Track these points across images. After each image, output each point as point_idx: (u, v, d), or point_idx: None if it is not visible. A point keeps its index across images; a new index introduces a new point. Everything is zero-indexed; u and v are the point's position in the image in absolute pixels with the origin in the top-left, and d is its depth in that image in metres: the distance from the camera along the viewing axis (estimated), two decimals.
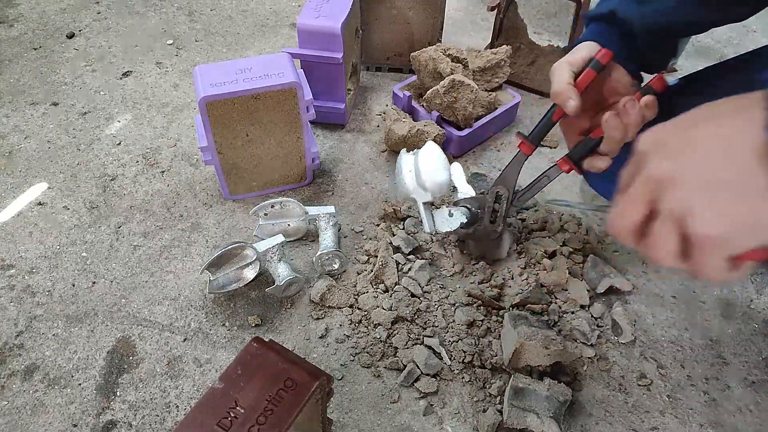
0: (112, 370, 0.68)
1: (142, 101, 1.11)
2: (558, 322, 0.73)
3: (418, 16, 1.10)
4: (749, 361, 0.72)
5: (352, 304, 0.75)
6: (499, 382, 0.67)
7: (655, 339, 0.74)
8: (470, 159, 1.00)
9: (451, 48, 0.99)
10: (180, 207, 0.90)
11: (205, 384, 0.67)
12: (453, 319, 0.73)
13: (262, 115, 0.80)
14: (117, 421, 0.64)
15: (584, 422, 0.65)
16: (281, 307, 0.76)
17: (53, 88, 1.13)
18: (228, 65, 0.79)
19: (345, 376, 0.68)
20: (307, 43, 0.92)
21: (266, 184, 0.91)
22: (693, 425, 0.66)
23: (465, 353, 0.69)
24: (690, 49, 1.36)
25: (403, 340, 0.70)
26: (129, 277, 0.79)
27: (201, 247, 0.83)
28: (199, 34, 1.33)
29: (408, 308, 0.73)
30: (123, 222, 0.87)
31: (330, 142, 1.03)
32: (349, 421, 0.64)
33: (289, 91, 0.78)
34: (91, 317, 0.74)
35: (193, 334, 0.72)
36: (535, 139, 0.70)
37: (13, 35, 1.28)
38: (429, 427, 0.64)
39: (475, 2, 1.51)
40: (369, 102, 1.13)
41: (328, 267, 0.78)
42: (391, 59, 1.18)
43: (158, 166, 0.97)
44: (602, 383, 0.69)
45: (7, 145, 1.00)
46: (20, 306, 0.75)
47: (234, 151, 0.83)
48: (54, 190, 0.92)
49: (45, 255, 0.81)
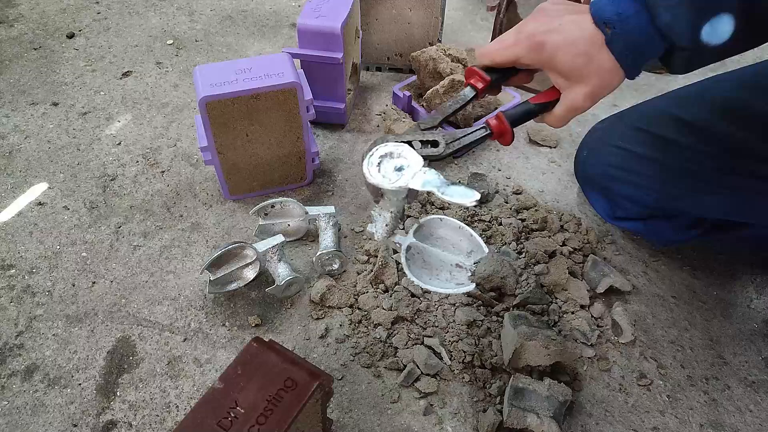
0: (112, 370, 0.68)
1: (142, 101, 1.11)
2: (558, 322, 0.73)
3: (418, 16, 1.10)
4: (749, 361, 0.72)
5: (352, 304, 0.75)
6: (499, 382, 0.67)
7: (655, 339, 0.74)
8: (470, 159, 1.00)
9: (451, 48, 0.99)
10: (180, 207, 0.90)
11: (205, 384, 0.67)
12: (453, 319, 0.73)
13: (262, 115, 0.80)
14: (117, 421, 0.64)
15: (584, 422, 0.65)
16: (281, 307, 0.76)
17: (53, 88, 1.13)
18: (228, 65, 0.79)
19: (345, 376, 0.68)
20: (307, 43, 0.92)
21: (266, 184, 0.91)
22: (693, 425, 0.66)
23: (465, 353, 0.69)
24: None
25: (403, 340, 0.70)
26: (129, 277, 0.79)
27: (201, 247, 0.83)
28: (199, 34, 1.33)
29: (408, 308, 0.73)
30: (123, 222, 0.87)
31: (330, 142, 1.03)
32: (349, 421, 0.64)
33: (289, 91, 0.78)
34: (91, 317, 0.74)
35: (193, 334, 0.72)
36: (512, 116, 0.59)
37: (13, 35, 1.28)
38: (429, 427, 0.64)
39: (475, 2, 1.51)
40: (369, 102, 1.13)
41: (328, 267, 0.78)
42: (391, 59, 1.18)
43: (158, 166, 0.97)
44: (602, 383, 0.69)
45: (7, 145, 1.00)
46: (20, 306, 0.75)
47: (234, 151, 0.83)
48: (54, 190, 0.92)
49: (45, 255, 0.81)
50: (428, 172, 0.51)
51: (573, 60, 0.51)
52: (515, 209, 0.88)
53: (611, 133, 0.82)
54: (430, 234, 0.67)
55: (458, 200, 0.49)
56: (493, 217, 0.86)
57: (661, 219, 0.78)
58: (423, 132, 0.57)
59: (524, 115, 0.58)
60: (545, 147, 1.04)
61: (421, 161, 0.52)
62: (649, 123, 0.76)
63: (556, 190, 0.95)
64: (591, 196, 0.86)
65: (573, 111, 0.55)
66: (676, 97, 0.77)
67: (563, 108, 0.55)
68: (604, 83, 0.51)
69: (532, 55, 0.53)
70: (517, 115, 0.58)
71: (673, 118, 0.73)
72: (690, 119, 0.72)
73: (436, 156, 0.55)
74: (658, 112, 0.77)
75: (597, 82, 0.51)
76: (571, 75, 0.52)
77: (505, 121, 0.57)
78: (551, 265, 0.78)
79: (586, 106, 0.54)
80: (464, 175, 0.95)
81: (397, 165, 0.53)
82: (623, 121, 0.82)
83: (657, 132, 0.75)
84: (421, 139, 0.56)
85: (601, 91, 0.52)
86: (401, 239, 0.64)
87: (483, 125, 0.58)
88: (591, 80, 0.51)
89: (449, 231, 0.67)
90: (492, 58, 0.57)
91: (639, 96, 1.20)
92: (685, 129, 0.72)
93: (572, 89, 0.53)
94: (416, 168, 0.52)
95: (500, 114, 0.57)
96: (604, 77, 0.51)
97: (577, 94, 0.53)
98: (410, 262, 0.63)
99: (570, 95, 0.54)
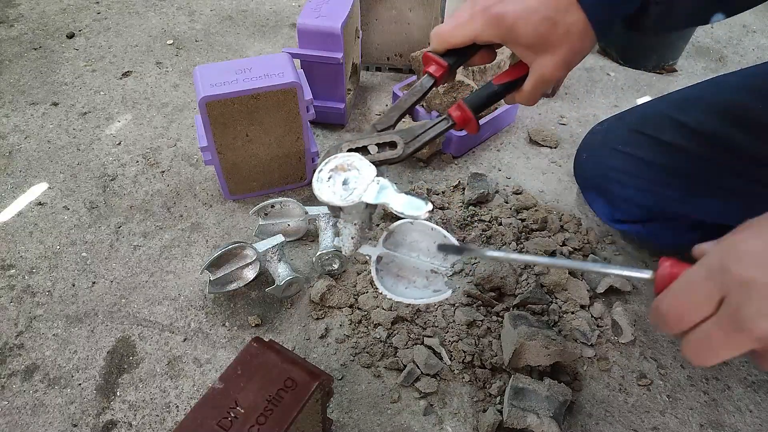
0: (112, 370, 0.68)
1: (142, 101, 1.11)
2: (558, 322, 0.73)
3: (418, 16, 1.10)
4: (749, 361, 0.72)
5: (352, 304, 0.75)
6: (499, 382, 0.67)
7: (655, 339, 0.74)
8: (470, 159, 1.00)
9: None
10: (180, 207, 0.90)
11: (205, 384, 0.67)
12: (453, 319, 0.73)
13: (262, 115, 0.80)
14: (117, 421, 0.64)
15: (584, 422, 0.65)
16: (281, 307, 0.76)
17: (53, 88, 1.13)
18: (228, 65, 0.79)
19: (345, 376, 0.68)
20: (307, 43, 0.92)
21: (266, 184, 0.91)
22: (693, 425, 0.66)
23: (465, 353, 0.69)
24: (690, 49, 1.36)
25: (403, 340, 0.70)
26: (129, 277, 0.79)
27: (201, 247, 0.83)
28: (199, 34, 1.33)
29: (408, 308, 0.73)
30: (123, 222, 0.87)
31: (330, 142, 1.03)
32: (349, 421, 0.64)
33: (289, 91, 0.78)
34: (91, 317, 0.74)
35: (193, 334, 0.72)
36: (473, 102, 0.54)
37: (13, 35, 1.28)
38: (429, 427, 0.64)
39: None
40: (369, 102, 1.13)
41: (328, 267, 0.78)
42: (391, 59, 1.18)
43: (158, 166, 0.97)
44: (602, 383, 0.69)
45: (7, 145, 1.00)
46: (20, 306, 0.75)
47: (234, 151, 0.83)
48: (54, 190, 0.92)
49: (45, 255, 0.81)
50: (381, 181, 0.48)
51: (536, 28, 0.46)
52: (515, 209, 0.88)
53: (610, 136, 0.82)
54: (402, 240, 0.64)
55: (410, 212, 0.46)
56: (493, 217, 0.86)
57: (660, 222, 0.78)
58: (380, 133, 0.53)
59: (488, 98, 0.53)
60: (545, 147, 1.04)
61: (373, 171, 0.49)
62: (648, 126, 0.76)
63: (556, 190, 0.95)
64: (590, 198, 0.86)
65: (543, 84, 0.50)
66: (676, 100, 0.77)
67: (532, 82, 0.51)
68: (575, 48, 0.47)
69: (490, 31, 0.48)
70: (479, 101, 0.53)
71: (673, 121, 0.73)
72: (689, 122, 0.71)
73: (395, 159, 0.52)
74: (658, 115, 0.77)
75: (566, 48, 0.47)
76: (536, 45, 0.47)
77: (466, 108, 0.53)
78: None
79: (557, 76, 0.49)
80: (464, 175, 0.95)
81: (347, 178, 0.49)
82: (622, 124, 0.82)
83: (656, 135, 0.75)
84: (378, 141, 0.52)
85: (573, 57, 0.48)
86: (370, 250, 0.61)
87: (444, 116, 0.54)
88: (559, 47, 0.47)
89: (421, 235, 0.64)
90: (446, 39, 0.51)
91: (639, 96, 1.20)
92: (684, 132, 0.72)
93: (539, 61, 0.49)
94: (369, 179, 0.48)
95: (460, 102, 0.53)
96: (573, 42, 0.47)
97: (545, 65, 0.48)
98: (383, 273, 0.60)
99: (538, 68, 0.49)
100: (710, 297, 0.34)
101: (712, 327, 0.34)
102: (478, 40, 0.50)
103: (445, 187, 0.92)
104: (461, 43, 0.51)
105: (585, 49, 0.48)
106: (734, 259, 0.34)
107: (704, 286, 0.35)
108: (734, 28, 1.44)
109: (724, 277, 0.33)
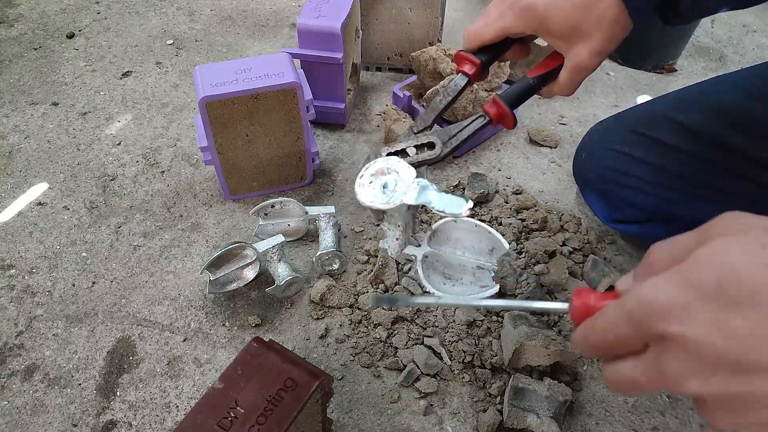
0: (112, 370, 0.68)
1: (142, 101, 1.11)
2: (558, 322, 0.73)
3: (418, 16, 1.10)
4: None
5: (352, 304, 0.75)
6: (499, 382, 0.67)
7: None
8: (470, 159, 1.00)
9: (451, 48, 0.99)
10: (180, 207, 0.90)
11: (205, 384, 0.67)
12: (453, 319, 0.73)
13: (262, 115, 0.80)
14: (117, 421, 0.64)
15: (584, 422, 0.65)
16: (281, 307, 0.76)
17: (53, 88, 1.13)
18: (228, 65, 0.79)
19: (345, 376, 0.68)
20: (307, 43, 0.92)
21: (266, 184, 0.91)
22: (693, 425, 0.66)
23: (465, 353, 0.69)
24: (690, 49, 1.36)
25: (403, 340, 0.70)
26: (129, 277, 0.79)
27: (201, 247, 0.83)
28: (199, 34, 1.33)
29: (408, 308, 0.73)
30: (123, 222, 0.87)
31: (330, 142, 1.03)
32: (349, 421, 0.64)
33: (289, 91, 0.78)
34: (91, 317, 0.74)
35: (193, 334, 0.72)
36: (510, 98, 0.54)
37: (13, 35, 1.28)
38: (429, 427, 0.64)
39: (475, 2, 1.51)
40: (369, 102, 1.13)
41: (328, 267, 0.78)
42: (391, 59, 1.18)
43: (158, 166, 0.97)
44: (602, 383, 0.69)
45: (7, 145, 1.00)
46: (20, 306, 0.75)
47: (234, 151, 0.83)
48: (54, 190, 0.92)
49: (45, 255, 0.81)
50: (421, 182, 0.49)
51: (568, 16, 0.45)
52: (515, 209, 0.88)
53: (609, 136, 0.82)
54: (447, 238, 0.65)
55: (450, 211, 0.46)
56: (493, 217, 0.86)
57: (659, 223, 0.78)
58: (417, 136, 0.54)
59: (524, 92, 0.53)
60: (545, 147, 1.04)
61: (413, 173, 0.50)
62: (646, 126, 0.76)
63: (556, 190, 0.95)
64: (589, 198, 0.86)
65: (580, 73, 0.49)
66: (675, 100, 0.77)
67: (568, 72, 0.50)
68: (610, 35, 0.46)
69: (521, 23, 0.48)
70: (515, 95, 0.53)
71: (671, 122, 0.73)
72: (688, 123, 0.71)
73: (434, 159, 0.53)
74: (656, 116, 0.77)
75: (601, 35, 0.46)
76: (569, 34, 0.47)
77: (502, 103, 0.52)
78: (551, 265, 0.78)
79: (594, 65, 0.48)
80: (464, 175, 0.95)
81: (388, 181, 0.50)
82: (621, 124, 0.82)
83: (655, 136, 0.75)
84: (416, 143, 0.53)
85: (608, 45, 0.47)
86: (415, 250, 0.61)
87: (480, 114, 0.54)
88: (594, 34, 0.46)
89: (466, 232, 0.65)
90: (479, 36, 0.52)
91: (639, 96, 1.20)
92: (682, 133, 0.72)
93: (574, 49, 0.48)
94: (408, 181, 0.50)
95: (495, 97, 0.53)
96: (608, 28, 0.45)
97: (580, 53, 0.47)
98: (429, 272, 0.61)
99: (573, 57, 0.48)
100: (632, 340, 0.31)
101: (636, 369, 0.31)
102: (509, 34, 0.50)
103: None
104: (493, 39, 0.51)
105: (619, 36, 0.47)
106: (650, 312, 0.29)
107: (625, 329, 0.31)
108: (734, 28, 1.44)
109: (643, 330, 0.30)
